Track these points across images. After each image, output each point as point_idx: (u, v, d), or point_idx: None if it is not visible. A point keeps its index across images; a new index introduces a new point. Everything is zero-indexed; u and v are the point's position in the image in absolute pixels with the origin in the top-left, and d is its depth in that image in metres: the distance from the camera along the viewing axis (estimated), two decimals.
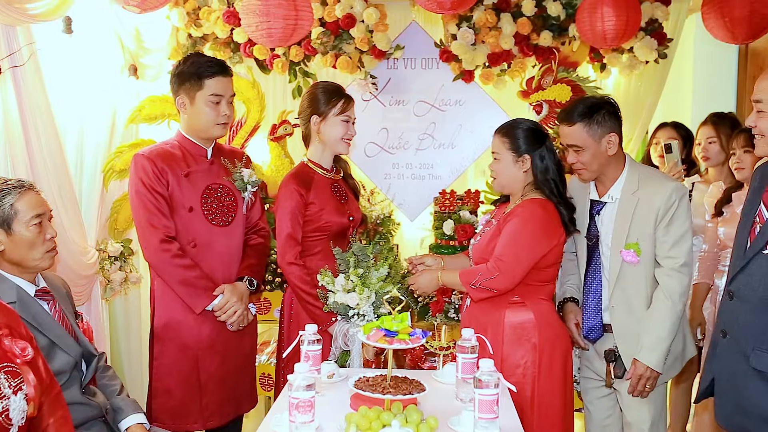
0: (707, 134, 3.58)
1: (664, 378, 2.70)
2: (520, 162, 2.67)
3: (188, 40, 4.15)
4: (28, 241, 2.24)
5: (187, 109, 2.83)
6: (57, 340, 2.25)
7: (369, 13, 3.98)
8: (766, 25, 3.55)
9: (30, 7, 2.66)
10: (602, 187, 2.75)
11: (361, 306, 2.58)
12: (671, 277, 2.58)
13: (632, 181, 2.68)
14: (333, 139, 2.91)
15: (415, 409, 2.00)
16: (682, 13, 4.17)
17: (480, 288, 2.60)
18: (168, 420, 2.82)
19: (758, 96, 2.14)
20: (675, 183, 2.67)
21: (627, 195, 2.67)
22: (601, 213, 2.74)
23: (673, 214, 2.58)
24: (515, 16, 4.01)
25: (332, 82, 3.07)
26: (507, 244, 2.60)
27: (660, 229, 2.59)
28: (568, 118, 2.68)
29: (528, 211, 2.62)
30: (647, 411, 2.70)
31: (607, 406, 2.88)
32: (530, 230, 2.60)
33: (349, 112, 2.92)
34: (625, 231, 2.64)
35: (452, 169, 4.38)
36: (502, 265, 2.56)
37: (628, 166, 2.72)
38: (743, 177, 3.21)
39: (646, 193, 2.63)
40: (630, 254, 2.62)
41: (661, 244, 2.61)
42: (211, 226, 2.85)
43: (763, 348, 2.05)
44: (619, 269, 2.66)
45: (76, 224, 3.22)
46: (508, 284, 2.59)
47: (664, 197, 2.58)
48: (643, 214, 2.61)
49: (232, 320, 2.83)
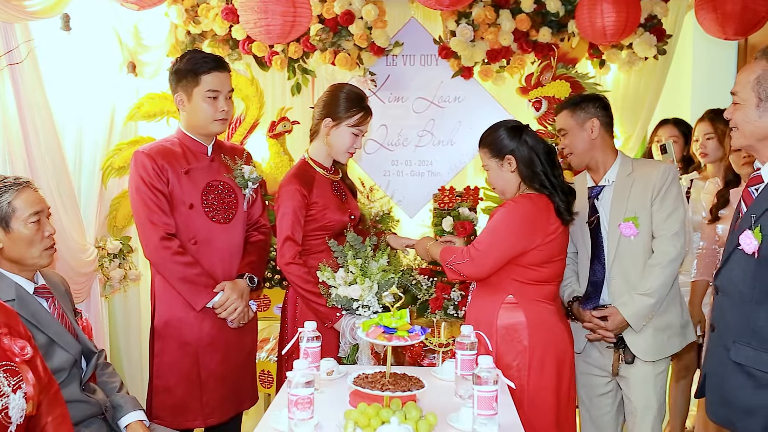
0: (705, 131, 3.58)
1: (663, 353, 2.78)
2: (506, 164, 2.68)
3: (187, 37, 4.15)
4: (26, 239, 2.24)
5: (186, 106, 2.83)
6: (56, 338, 2.25)
7: (368, 9, 3.98)
8: (757, 21, 3.55)
9: (28, 4, 2.66)
10: (596, 174, 2.90)
11: (364, 297, 2.58)
12: (663, 243, 2.72)
13: (626, 166, 2.85)
14: (338, 148, 2.89)
15: (414, 406, 2.00)
16: (681, 10, 4.17)
17: (451, 269, 2.67)
18: (168, 417, 2.82)
19: (735, 88, 2.17)
20: (667, 164, 2.87)
21: (622, 177, 2.82)
22: (600, 195, 2.86)
23: (667, 189, 2.74)
24: (514, 12, 4.01)
25: (358, 90, 2.96)
26: (484, 232, 2.66)
27: (656, 203, 2.74)
28: (558, 108, 2.98)
29: (514, 204, 2.63)
30: (654, 397, 2.79)
31: (605, 404, 2.93)
32: (510, 223, 2.60)
33: (364, 127, 2.89)
34: (624, 206, 2.77)
35: (451, 165, 4.38)
36: (474, 252, 2.62)
37: (620, 156, 2.89)
38: (748, 172, 3.19)
39: (641, 173, 2.80)
40: (629, 226, 2.75)
41: (657, 217, 2.74)
42: (212, 223, 2.85)
43: (742, 341, 2.08)
44: (617, 244, 2.77)
45: (75, 222, 3.22)
46: (476, 272, 2.64)
47: (658, 175, 2.75)
48: (640, 190, 2.77)
49: (233, 317, 2.83)
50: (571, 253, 2.91)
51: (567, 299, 2.90)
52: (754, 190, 2.16)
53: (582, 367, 2.91)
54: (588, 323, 2.80)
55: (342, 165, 3.08)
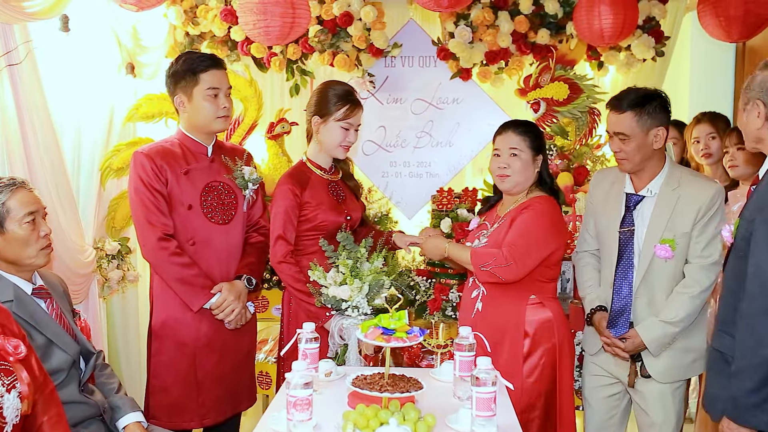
0: (707, 131, 3.54)
1: (685, 375, 2.71)
2: (537, 161, 2.75)
3: (185, 38, 4.15)
4: (21, 239, 2.24)
5: (186, 107, 2.83)
6: (55, 339, 2.25)
7: (366, 11, 3.98)
8: (760, 24, 3.56)
9: (27, 6, 2.66)
10: (639, 181, 2.71)
11: (353, 298, 2.57)
12: (699, 272, 2.58)
13: (673, 177, 2.66)
14: (329, 144, 2.89)
15: (413, 407, 2.00)
16: (679, 11, 4.17)
17: (489, 272, 2.62)
18: (164, 417, 2.82)
19: None
20: (718, 185, 2.66)
21: (667, 190, 2.63)
22: (639, 206, 2.69)
23: (713, 214, 2.57)
24: (513, 14, 4.01)
25: (345, 85, 2.97)
26: (520, 235, 2.63)
27: (697, 228, 2.58)
28: (618, 105, 2.65)
29: (541, 206, 2.68)
30: (674, 411, 2.69)
31: (611, 406, 2.85)
32: (544, 225, 2.65)
33: (352, 119, 2.87)
34: (663, 225, 2.61)
35: (450, 167, 4.39)
36: (515, 255, 2.59)
37: (669, 163, 2.71)
38: (737, 174, 3.20)
39: (687, 190, 2.61)
40: (665, 249, 2.59)
41: (695, 243, 2.59)
42: (210, 224, 2.85)
43: (723, 329, 2.09)
44: (649, 263, 2.63)
45: (74, 222, 3.21)
46: (517, 275, 2.61)
47: (707, 197, 2.57)
48: (684, 211, 2.59)
49: (230, 318, 2.82)
50: (593, 250, 2.87)
51: (589, 306, 2.79)
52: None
53: (592, 369, 2.87)
54: (605, 339, 2.71)
55: (344, 165, 3.05)
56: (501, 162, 2.75)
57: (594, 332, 2.80)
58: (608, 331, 2.69)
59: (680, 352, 2.65)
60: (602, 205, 2.80)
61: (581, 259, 2.91)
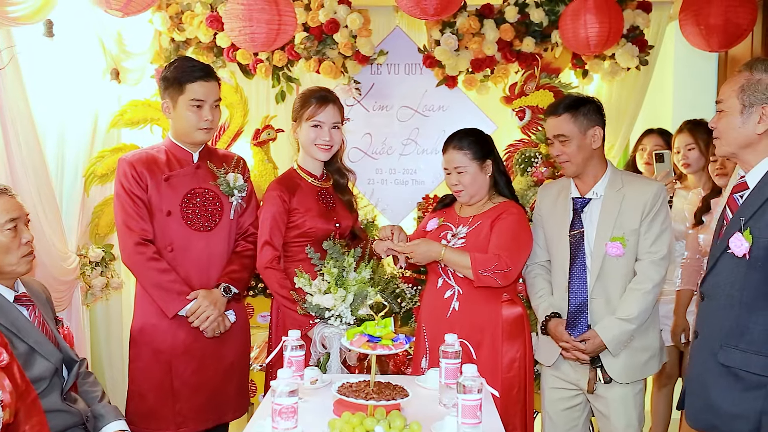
0: (686, 141, 3.60)
1: (642, 374, 2.75)
2: (486, 168, 2.85)
3: (171, 44, 4.13)
4: (2, 246, 2.22)
5: (171, 113, 2.83)
6: (37, 347, 2.23)
7: (353, 18, 3.99)
8: (740, 34, 3.59)
9: (11, 10, 2.64)
10: (584, 185, 2.79)
11: (336, 307, 2.57)
12: (649, 267, 2.65)
13: (616, 180, 2.75)
14: (304, 145, 2.91)
15: (399, 415, 1.99)
16: (662, 21, 4.21)
17: (489, 277, 2.69)
18: (140, 423, 2.80)
19: (720, 97, 2.22)
20: (660, 184, 2.78)
21: (612, 192, 2.73)
22: (587, 209, 2.76)
23: (657, 210, 2.66)
24: (498, 22, 4.03)
25: (317, 87, 3.01)
26: (512, 240, 2.76)
27: (644, 224, 2.66)
28: (555, 110, 2.77)
29: (517, 211, 2.82)
30: (635, 416, 2.73)
31: (571, 418, 2.86)
32: (526, 228, 2.83)
33: (321, 116, 2.86)
34: (612, 224, 2.68)
35: (436, 174, 4.38)
36: (512, 260, 2.71)
37: (611, 167, 2.80)
38: (725, 183, 3.23)
39: (631, 190, 2.70)
40: (616, 246, 2.66)
41: (644, 239, 2.67)
42: (190, 231, 2.82)
43: (730, 344, 2.10)
44: (602, 263, 2.69)
45: (57, 229, 3.19)
46: (512, 279, 2.77)
47: (651, 194, 2.66)
48: (630, 208, 2.67)
49: (205, 326, 2.79)
50: (544, 261, 2.91)
51: (543, 314, 2.80)
52: (739, 196, 2.19)
53: (551, 381, 2.87)
54: (565, 343, 2.72)
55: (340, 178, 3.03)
56: (452, 180, 2.90)
57: (549, 341, 2.80)
58: (566, 333, 2.71)
59: (637, 351, 2.70)
60: (550, 213, 2.87)
61: (531, 271, 2.93)
